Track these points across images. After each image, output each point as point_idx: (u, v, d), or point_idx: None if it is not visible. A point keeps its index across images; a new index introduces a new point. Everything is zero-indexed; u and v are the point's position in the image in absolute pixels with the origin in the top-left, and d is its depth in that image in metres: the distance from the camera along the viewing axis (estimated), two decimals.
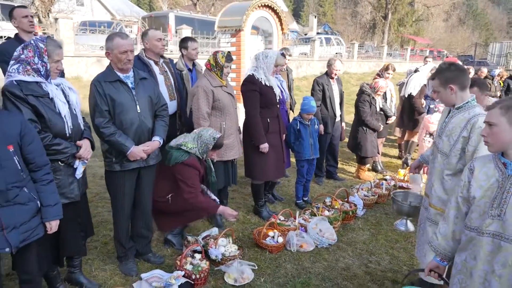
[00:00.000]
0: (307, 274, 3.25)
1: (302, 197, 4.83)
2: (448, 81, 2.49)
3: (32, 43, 2.31)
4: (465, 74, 2.52)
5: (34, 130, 2.17)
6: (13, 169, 2.00)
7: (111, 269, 3.16)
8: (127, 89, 2.87)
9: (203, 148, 3.37)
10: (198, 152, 3.34)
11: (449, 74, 2.51)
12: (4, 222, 1.97)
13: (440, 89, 2.56)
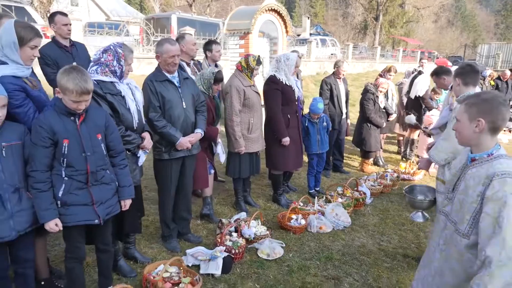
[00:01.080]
0: (328, 250, 3.70)
1: (314, 187, 5.28)
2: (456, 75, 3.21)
3: (112, 48, 2.71)
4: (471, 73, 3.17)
5: (114, 122, 2.58)
6: (101, 154, 2.41)
7: (157, 247, 3.58)
8: (175, 87, 3.29)
9: (207, 84, 3.92)
10: (203, 88, 3.87)
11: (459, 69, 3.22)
12: (95, 198, 2.37)
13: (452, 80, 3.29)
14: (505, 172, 1.64)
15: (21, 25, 2.35)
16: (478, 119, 1.73)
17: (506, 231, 1.56)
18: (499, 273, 1.53)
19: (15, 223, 2.20)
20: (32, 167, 2.22)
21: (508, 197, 1.58)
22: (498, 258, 1.54)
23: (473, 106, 1.77)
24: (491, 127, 1.73)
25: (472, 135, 1.78)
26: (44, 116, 2.26)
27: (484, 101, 1.75)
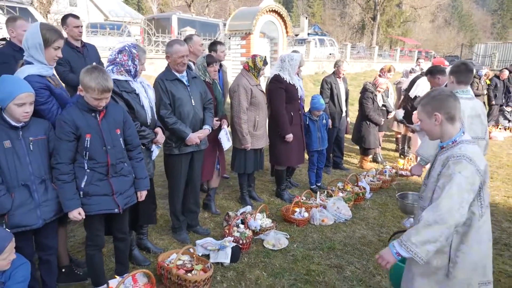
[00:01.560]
0: (331, 241, 3.88)
1: (316, 182, 5.45)
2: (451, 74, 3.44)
3: (126, 49, 2.88)
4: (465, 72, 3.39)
5: (131, 118, 2.74)
6: (119, 147, 2.58)
7: (167, 239, 3.75)
8: (184, 86, 3.46)
9: (202, 69, 4.03)
10: (201, 74, 3.99)
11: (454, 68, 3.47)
12: (114, 188, 2.54)
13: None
14: (460, 155, 1.88)
15: (46, 28, 2.51)
16: (434, 114, 1.97)
17: (441, 200, 1.84)
18: (423, 231, 1.85)
19: (42, 212, 2.36)
20: (57, 159, 2.38)
21: (455, 174, 1.84)
22: (427, 219, 1.85)
23: (427, 105, 2.01)
24: (447, 117, 1.96)
25: (435, 129, 2.01)
26: (68, 112, 2.42)
27: (434, 98, 2.00)
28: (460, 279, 1.97)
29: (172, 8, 35.24)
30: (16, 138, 2.27)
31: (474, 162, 1.86)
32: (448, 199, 1.82)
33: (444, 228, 1.82)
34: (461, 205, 1.83)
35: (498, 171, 6.66)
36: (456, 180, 1.83)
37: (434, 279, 2.02)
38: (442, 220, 1.81)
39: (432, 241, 1.83)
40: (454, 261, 1.96)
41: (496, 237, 4.07)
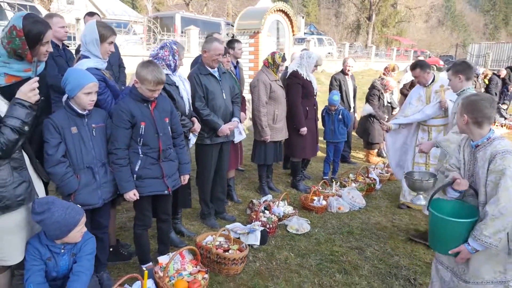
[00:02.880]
0: (349, 226, 4.15)
1: (332, 174, 5.72)
2: (458, 72, 3.49)
3: (168, 45, 3.12)
4: (469, 69, 3.53)
5: (175, 109, 2.98)
6: (168, 135, 2.82)
7: (197, 224, 3.99)
8: (216, 80, 3.70)
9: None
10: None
11: (459, 67, 3.52)
12: (165, 171, 2.78)
13: (451, 78, 3.54)
14: (504, 150, 2.13)
15: (101, 25, 2.74)
16: (463, 115, 2.25)
17: (501, 194, 2.07)
18: (492, 223, 2.08)
19: (102, 192, 2.59)
20: (114, 145, 2.62)
21: (506, 169, 2.08)
22: (492, 213, 2.08)
23: (463, 105, 2.29)
24: (474, 122, 2.22)
25: (463, 126, 2.30)
26: (124, 102, 2.66)
27: (471, 102, 2.25)
28: None
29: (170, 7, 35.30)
30: (81, 124, 2.50)
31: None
32: (506, 191, 2.06)
33: (509, 217, 2.07)
34: None
35: None
36: (508, 173, 2.07)
37: (496, 260, 2.21)
38: (506, 210, 2.05)
39: (501, 230, 2.08)
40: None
41: None
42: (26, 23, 2.15)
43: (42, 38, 2.22)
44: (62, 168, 2.40)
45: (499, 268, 2.22)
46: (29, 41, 2.18)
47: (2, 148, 1.90)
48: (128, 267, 3.15)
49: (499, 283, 2.23)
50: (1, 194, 1.97)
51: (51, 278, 2.27)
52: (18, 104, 1.97)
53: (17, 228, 2.13)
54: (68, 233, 2.20)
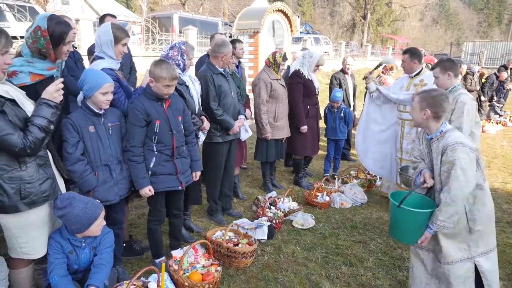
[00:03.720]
0: (352, 221, 4.27)
1: (333, 172, 5.84)
2: (446, 69, 3.43)
3: (177, 45, 3.21)
4: (456, 65, 3.52)
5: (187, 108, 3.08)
6: (181, 132, 2.92)
7: (205, 221, 4.09)
8: (226, 80, 3.81)
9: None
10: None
11: (447, 64, 3.51)
12: (178, 168, 2.88)
13: (439, 75, 3.51)
14: (454, 142, 2.32)
15: (116, 27, 2.83)
16: (425, 110, 2.39)
17: (452, 183, 2.30)
18: (445, 209, 2.32)
19: (118, 189, 2.69)
20: (130, 143, 2.71)
21: (455, 160, 2.28)
22: (445, 200, 2.31)
23: (423, 100, 2.42)
24: (434, 116, 2.38)
25: (421, 120, 2.44)
26: (139, 101, 2.75)
27: (432, 97, 2.40)
28: (481, 230, 2.44)
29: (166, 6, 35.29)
30: (98, 123, 2.59)
31: (466, 144, 2.32)
32: (456, 180, 2.29)
33: (459, 202, 2.32)
34: (467, 181, 2.29)
35: (494, 161, 7.14)
36: (457, 164, 2.28)
37: (459, 238, 2.46)
38: (456, 197, 2.29)
39: (454, 214, 2.34)
40: (473, 219, 2.43)
41: (498, 217, 4.49)
42: (50, 23, 2.27)
43: (65, 38, 2.33)
44: (81, 166, 2.49)
45: (464, 246, 2.46)
46: (53, 40, 2.29)
47: (31, 146, 1.99)
48: (141, 262, 3.25)
49: (467, 259, 2.46)
50: (28, 190, 2.06)
51: (73, 270, 2.37)
52: (45, 104, 2.06)
53: (41, 223, 2.22)
54: (89, 226, 2.30)
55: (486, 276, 2.48)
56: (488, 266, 2.49)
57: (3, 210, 2.04)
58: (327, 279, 3.14)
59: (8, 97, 1.98)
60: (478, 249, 2.47)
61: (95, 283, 2.21)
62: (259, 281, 3.06)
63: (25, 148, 1.96)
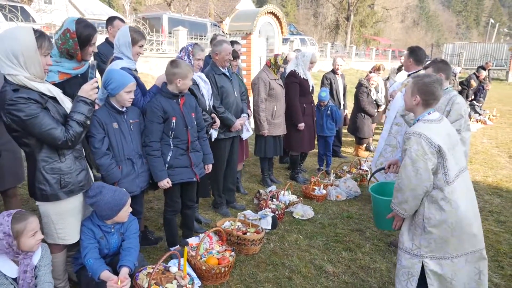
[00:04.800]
0: (348, 212, 4.56)
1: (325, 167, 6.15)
2: (439, 70, 3.40)
3: (185, 47, 3.45)
4: (448, 67, 3.49)
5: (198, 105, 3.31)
6: (195, 128, 3.15)
7: (211, 213, 4.32)
8: (228, 80, 4.04)
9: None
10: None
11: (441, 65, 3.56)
12: (193, 161, 3.11)
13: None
14: (410, 132, 2.30)
15: (133, 29, 3.04)
16: (416, 96, 2.37)
17: (400, 171, 2.32)
18: (396, 194, 2.37)
19: (139, 181, 2.89)
20: (149, 138, 2.92)
21: (407, 149, 2.27)
22: (395, 186, 2.36)
23: (415, 85, 2.38)
24: (424, 103, 2.36)
25: (412, 106, 2.42)
26: (157, 100, 2.97)
27: (424, 84, 2.35)
28: (435, 234, 2.31)
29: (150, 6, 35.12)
30: (121, 120, 2.79)
31: (424, 135, 2.24)
32: (404, 169, 2.28)
33: (407, 191, 2.28)
34: (418, 172, 2.23)
35: (475, 156, 7.56)
36: (408, 153, 2.25)
37: (415, 233, 2.40)
38: (403, 185, 2.29)
39: (403, 201, 2.33)
40: (428, 217, 2.32)
41: (481, 206, 4.86)
42: (78, 26, 2.48)
43: (91, 39, 2.55)
44: (107, 160, 2.69)
45: (415, 242, 2.39)
46: (81, 42, 2.51)
47: (71, 139, 2.19)
48: (156, 251, 3.45)
49: (415, 256, 2.39)
50: (67, 180, 2.26)
51: (103, 255, 2.56)
52: (82, 101, 2.26)
53: (76, 210, 2.42)
54: (118, 212, 2.51)
55: (430, 276, 2.36)
56: (437, 269, 2.35)
57: (45, 198, 2.24)
58: (330, 263, 3.41)
59: (50, 95, 2.18)
60: (428, 250, 2.35)
61: (127, 263, 2.42)
62: (268, 265, 3.31)
63: (67, 141, 2.16)
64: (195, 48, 3.53)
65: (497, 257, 3.63)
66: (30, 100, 2.05)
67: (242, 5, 35.16)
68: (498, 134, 9.84)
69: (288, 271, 3.25)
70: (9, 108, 2.03)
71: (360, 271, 3.31)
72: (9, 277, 2.08)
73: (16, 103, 2.02)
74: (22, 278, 2.11)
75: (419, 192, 2.28)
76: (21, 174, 3.09)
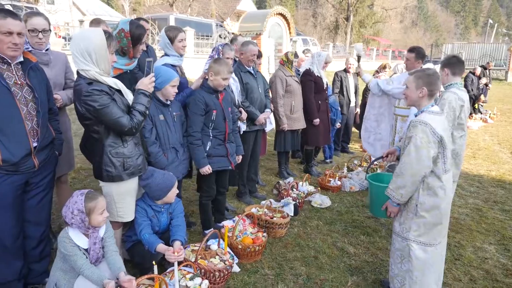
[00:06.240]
0: (362, 201, 4.87)
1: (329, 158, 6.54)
2: (444, 66, 3.64)
3: (216, 47, 3.77)
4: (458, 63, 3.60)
5: None
6: (231, 121, 3.46)
7: (235, 202, 4.61)
8: (253, 77, 4.34)
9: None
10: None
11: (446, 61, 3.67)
12: (229, 151, 3.41)
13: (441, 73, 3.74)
14: (417, 121, 2.43)
15: (168, 29, 3.36)
16: (422, 88, 2.50)
17: (403, 157, 2.45)
18: (395, 180, 2.49)
19: (181, 168, 3.19)
20: (192, 129, 3.22)
21: (413, 136, 2.40)
22: (396, 171, 2.46)
23: (420, 79, 2.50)
24: (429, 94, 2.50)
25: (416, 98, 2.54)
26: (199, 94, 3.27)
27: (428, 76, 2.50)
28: (426, 219, 2.48)
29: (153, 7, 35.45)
30: (166, 113, 3.09)
31: (428, 125, 2.38)
32: (408, 155, 2.40)
33: (407, 176, 2.40)
34: (420, 159, 2.36)
35: (478, 152, 7.89)
36: (413, 140, 2.37)
37: (406, 217, 2.57)
38: (405, 170, 2.41)
39: (401, 186, 2.44)
40: (421, 202, 2.47)
41: (486, 197, 5.19)
42: (131, 27, 2.79)
43: (142, 38, 2.85)
44: (156, 148, 2.99)
45: (406, 225, 2.56)
46: (133, 41, 2.80)
47: (135, 127, 2.48)
48: (190, 234, 3.74)
49: (404, 239, 2.58)
50: (129, 163, 2.55)
51: (154, 232, 2.86)
52: (142, 93, 2.56)
53: (134, 191, 2.72)
54: (167, 193, 2.80)
55: (412, 261, 2.54)
56: (420, 255, 2.52)
57: (111, 179, 2.53)
58: (350, 245, 3.72)
59: (116, 88, 2.47)
60: (417, 234, 2.51)
61: (179, 238, 2.72)
62: (294, 246, 3.62)
63: (132, 128, 2.46)
64: (225, 47, 3.83)
65: (503, 241, 3.94)
66: (102, 92, 2.34)
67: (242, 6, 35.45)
68: (499, 132, 10.17)
69: (314, 251, 3.56)
70: (85, 99, 2.32)
71: (379, 252, 3.62)
72: (81, 248, 2.37)
73: (91, 94, 2.31)
74: (92, 249, 2.40)
75: (418, 178, 2.42)
76: (72, 162, 3.38)
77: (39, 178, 2.56)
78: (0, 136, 2.30)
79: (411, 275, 2.58)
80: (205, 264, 2.80)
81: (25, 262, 2.61)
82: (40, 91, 2.49)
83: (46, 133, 2.54)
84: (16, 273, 2.54)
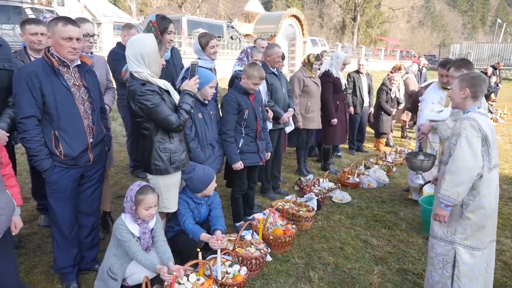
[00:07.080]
0: (381, 197, 5.06)
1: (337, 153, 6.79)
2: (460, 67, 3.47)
3: (245, 49, 3.98)
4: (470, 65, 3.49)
5: None
6: (262, 120, 3.68)
7: (260, 197, 4.82)
8: (277, 78, 4.55)
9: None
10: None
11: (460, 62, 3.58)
12: (260, 147, 3.62)
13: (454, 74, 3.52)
14: (465, 117, 2.43)
15: (201, 35, 3.60)
16: (465, 89, 2.49)
17: (456, 153, 2.36)
18: (449, 178, 2.36)
19: (217, 163, 3.41)
20: (226, 127, 3.44)
21: (462, 131, 2.36)
22: (449, 168, 2.38)
23: (463, 81, 2.52)
24: (473, 96, 2.49)
25: (460, 100, 2.53)
26: (232, 94, 3.48)
27: (471, 78, 2.51)
28: (472, 220, 2.42)
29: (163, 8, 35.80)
30: (204, 111, 3.31)
31: (475, 121, 2.37)
32: (460, 150, 2.33)
33: (463, 171, 2.30)
34: (474, 154, 2.30)
35: None
36: (463, 134, 2.33)
37: (450, 219, 2.47)
38: (458, 166, 2.32)
39: (458, 184, 2.32)
40: (467, 203, 2.41)
41: (500, 194, 5.24)
42: (157, 18, 3.18)
43: (167, 28, 3.23)
44: (194, 144, 3.21)
45: (450, 228, 2.49)
46: (160, 29, 3.11)
47: (182, 124, 2.70)
48: None
49: (449, 242, 2.51)
50: (175, 158, 2.77)
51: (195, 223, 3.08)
52: (187, 94, 2.78)
53: (178, 184, 2.94)
54: (207, 186, 3.02)
55: (459, 266, 2.46)
56: (467, 259, 2.46)
57: (158, 173, 2.75)
58: (373, 237, 3.91)
59: (165, 88, 2.69)
60: (463, 237, 2.45)
61: (219, 227, 2.94)
62: (321, 238, 3.82)
63: (179, 125, 2.67)
64: (253, 50, 4.05)
65: None
66: (154, 92, 2.57)
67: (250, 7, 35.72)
68: (510, 131, 10.28)
69: (339, 243, 3.76)
70: (139, 98, 2.54)
71: (401, 244, 3.81)
72: (135, 235, 2.59)
73: (144, 94, 2.53)
74: (142, 238, 2.62)
75: (474, 173, 2.32)
76: (113, 158, 3.61)
77: (93, 171, 2.79)
78: (62, 133, 2.53)
79: (459, 283, 2.49)
80: (242, 252, 3.01)
81: (79, 250, 2.84)
82: (94, 91, 2.72)
83: (99, 130, 2.76)
84: (72, 260, 2.78)
